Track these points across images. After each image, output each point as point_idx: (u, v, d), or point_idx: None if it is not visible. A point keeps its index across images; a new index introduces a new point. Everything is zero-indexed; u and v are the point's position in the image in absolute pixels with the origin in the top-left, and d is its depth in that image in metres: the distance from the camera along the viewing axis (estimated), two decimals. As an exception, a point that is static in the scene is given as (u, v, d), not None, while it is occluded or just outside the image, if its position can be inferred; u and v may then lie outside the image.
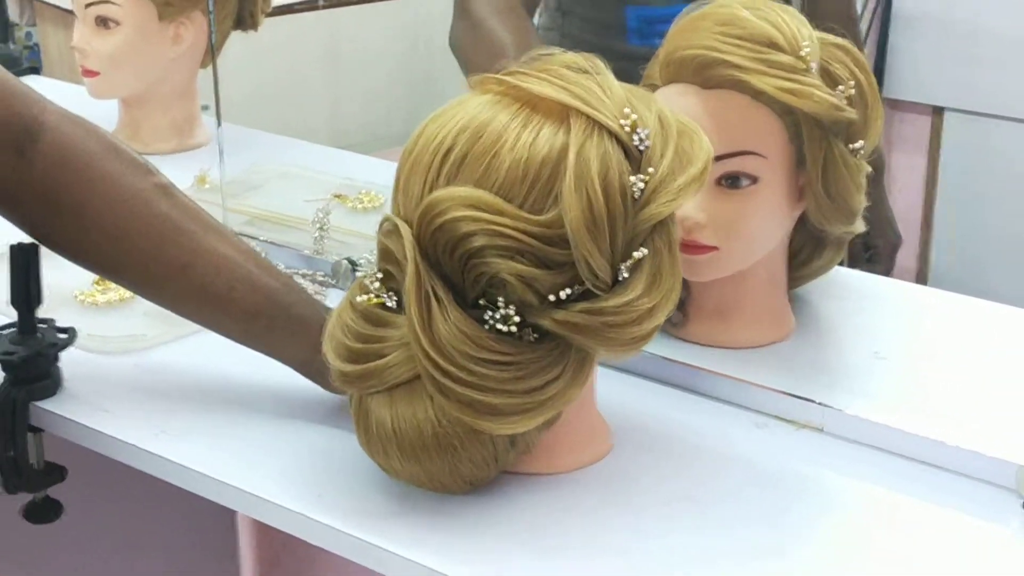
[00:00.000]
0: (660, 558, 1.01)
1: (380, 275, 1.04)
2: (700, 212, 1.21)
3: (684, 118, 1.08)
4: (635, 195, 1.01)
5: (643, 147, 1.02)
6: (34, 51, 3.45)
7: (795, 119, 1.21)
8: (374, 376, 1.01)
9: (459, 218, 0.98)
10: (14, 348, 1.22)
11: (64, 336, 1.26)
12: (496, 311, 0.99)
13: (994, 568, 1.01)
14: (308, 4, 2.43)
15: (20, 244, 1.20)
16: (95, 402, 1.24)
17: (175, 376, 1.29)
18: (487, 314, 1.00)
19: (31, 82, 1.23)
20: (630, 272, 1.01)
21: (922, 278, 2.94)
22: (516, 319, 0.99)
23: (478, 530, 1.03)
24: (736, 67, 1.19)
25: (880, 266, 1.80)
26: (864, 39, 2.62)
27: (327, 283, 1.50)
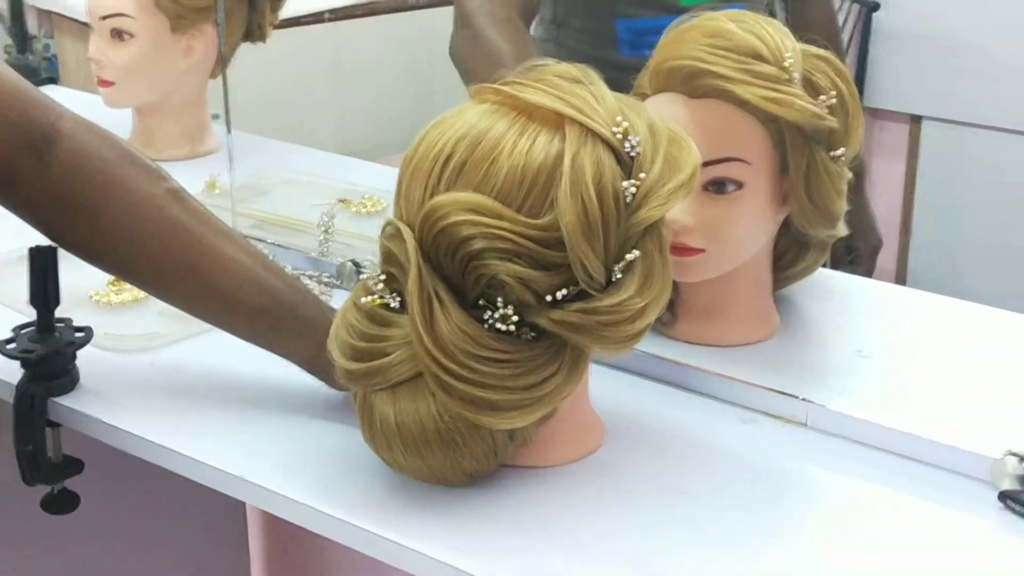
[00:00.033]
0: (650, 546, 1.01)
1: (383, 277, 1.03)
2: (688, 216, 1.21)
3: (673, 126, 1.08)
4: (627, 200, 1.01)
5: (634, 154, 1.02)
6: (52, 62, 3.45)
7: (778, 127, 1.21)
8: (378, 374, 1.01)
9: (459, 222, 0.98)
10: (33, 346, 1.22)
11: (81, 335, 1.26)
12: (495, 311, 0.99)
13: (971, 557, 1.01)
14: (314, 17, 2.43)
15: (39, 247, 1.20)
16: (111, 398, 1.24)
17: (188, 373, 1.29)
18: (487, 314, 0.99)
19: (49, 92, 1.22)
20: (623, 273, 1.01)
21: (901, 279, 2.95)
22: (514, 318, 0.99)
23: (478, 520, 1.03)
24: (722, 77, 1.19)
25: (862, 268, 1.80)
26: (846, 51, 2.62)
27: (332, 284, 1.50)
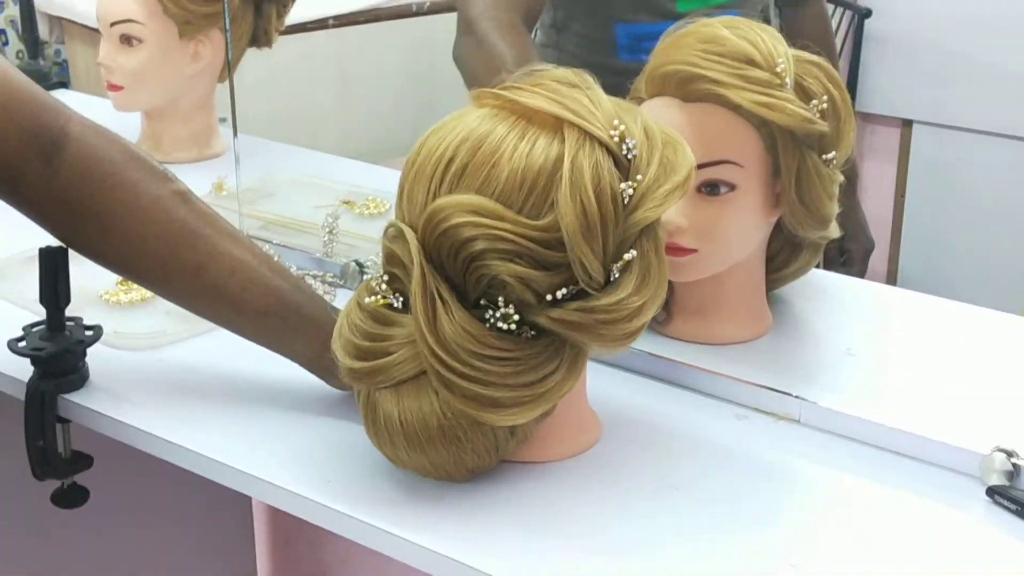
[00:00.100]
0: (646, 538, 1.01)
1: (386, 277, 1.03)
2: (682, 217, 1.21)
3: (668, 129, 1.08)
4: (625, 201, 1.01)
5: (631, 156, 1.02)
6: (63, 67, 3.45)
7: (771, 131, 1.21)
8: (382, 372, 1.01)
9: (462, 224, 0.98)
10: (43, 344, 1.22)
11: (90, 333, 1.26)
12: (497, 310, 0.99)
13: (959, 551, 1.01)
14: (319, 23, 2.43)
15: (49, 247, 1.20)
16: (119, 395, 1.24)
17: (194, 371, 1.29)
18: (488, 313, 1.00)
19: (60, 96, 1.23)
20: (621, 272, 1.01)
21: (892, 279, 2.95)
22: (515, 317, 0.99)
23: (478, 514, 1.03)
24: (715, 82, 1.19)
25: (854, 269, 1.80)
26: (838, 57, 2.62)
27: (336, 284, 1.50)
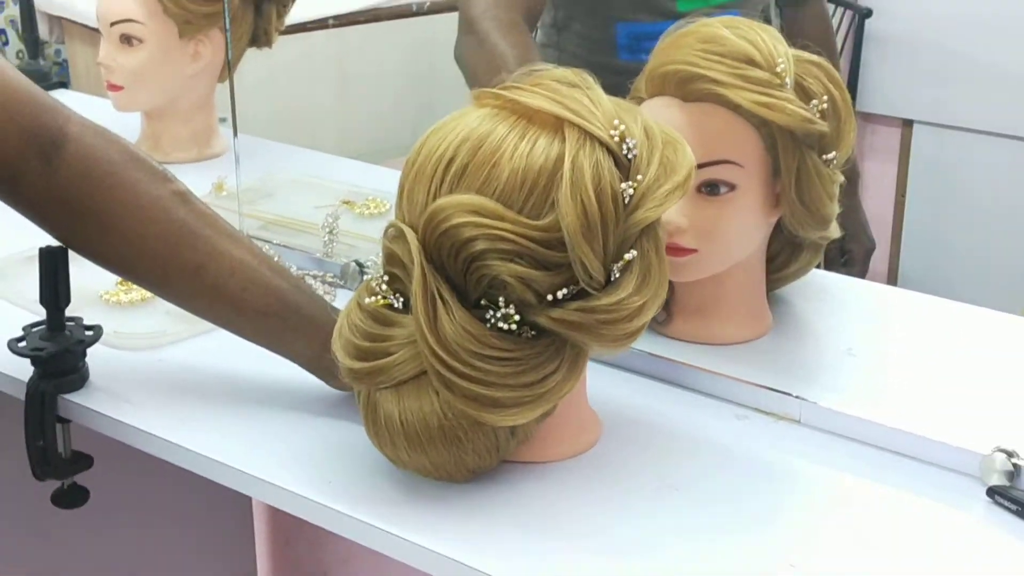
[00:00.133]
0: (646, 538, 1.01)
1: (386, 278, 1.03)
2: (682, 217, 1.21)
3: (668, 129, 1.07)
4: (625, 201, 1.00)
5: (631, 156, 1.02)
6: (63, 67, 3.45)
7: (770, 131, 1.20)
8: (382, 373, 1.01)
9: (462, 224, 0.97)
10: (43, 344, 1.21)
11: (90, 333, 1.25)
12: (497, 310, 0.99)
13: (959, 551, 1.01)
14: (319, 23, 2.43)
15: (49, 247, 1.20)
16: (119, 395, 1.23)
17: (195, 371, 1.29)
18: (489, 313, 0.99)
19: (60, 96, 1.23)
20: (621, 272, 1.01)
21: (892, 279, 2.95)
22: (516, 318, 0.99)
23: (478, 515, 1.03)
24: (715, 82, 1.19)
25: (855, 269, 1.79)
26: (839, 57, 2.62)
27: (336, 284, 1.50)
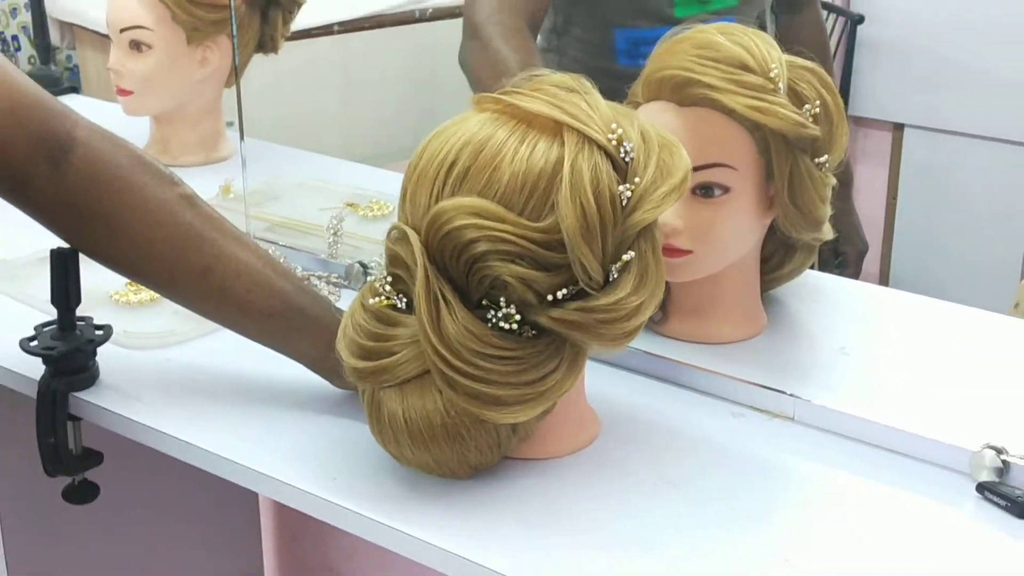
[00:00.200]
0: (643, 532, 1.01)
1: (390, 279, 1.03)
2: (677, 219, 1.21)
3: (664, 132, 1.07)
4: (623, 203, 1.01)
5: (628, 159, 1.02)
6: (74, 72, 3.45)
7: (764, 135, 1.20)
8: (386, 372, 1.01)
9: (464, 226, 0.98)
10: (55, 344, 1.22)
11: (100, 332, 1.25)
12: (498, 310, 0.99)
13: (950, 546, 1.01)
14: (324, 29, 2.43)
15: (60, 249, 1.20)
16: (129, 393, 1.24)
17: (202, 370, 1.29)
18: (490, 313, 0.99)
19: (71, 100, 1.23)
20: (619, 273, 1.01)
21: (884, 280, 2.95)
22: (517, 317, 0.99)
23: (480, 510, 1.03)
24: (709, 87, 1.19)
25: (849, 271, 1.79)
26: (832, 62, 2.62)
27: (341, 284, 1.50)
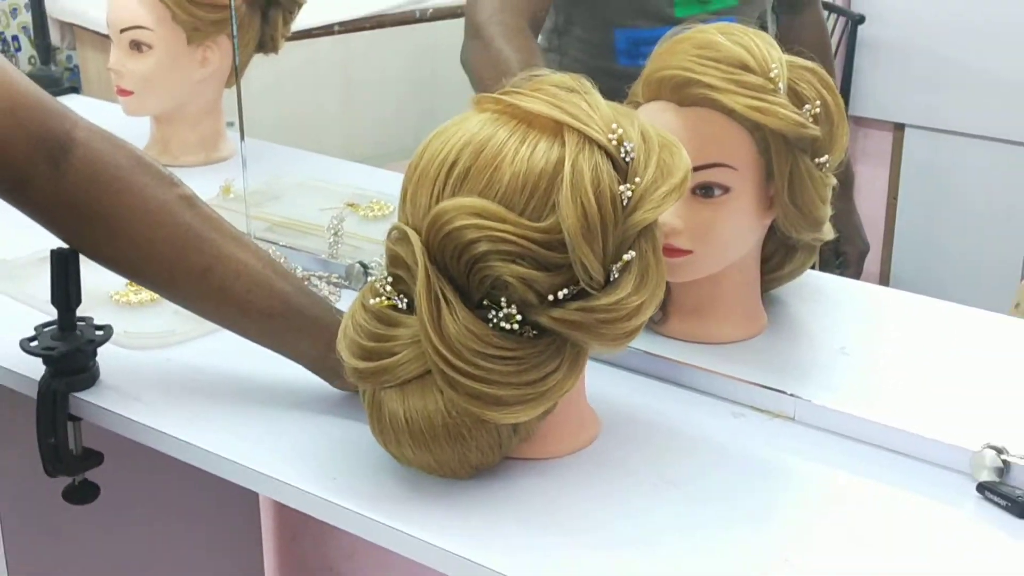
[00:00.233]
0: (643, 532, 1.01)
1: (390, 279, 1.03)
2: (677, 219, 1.20)
3: (664, 133, 1.07)
4: (624, 203, 1.00)
5: (628, 159, 1.02)
6: (74, 72, 3.45)
7: (764, 135, 1.20)
8: (387, 372, 1.00)
9: (465, 226, 0.97)
10: (55, 344, 1.21)
11: (101, 333, 1.25)
12: (499, 310, 0.99)
13: (950, 546, 1.01)
14: (324, 30, 2.43)
15: (60, 249, 1.19)
16: (129, 393, 1.23)
17: (202, 370, 1.28)
18: (491, 313, 0.99)
19: (71, 101, 1.22)
20: (620, 273, 1.01)
21: (884, 280, 2.95)
22: (518, 317, 0.99)
23: (480, 510, 1.03)
24: (709, 87, 1.18)
25: (850, 271, 1.79)
26: (834, 62, 2.61)
27: (341, 285, 1.49)
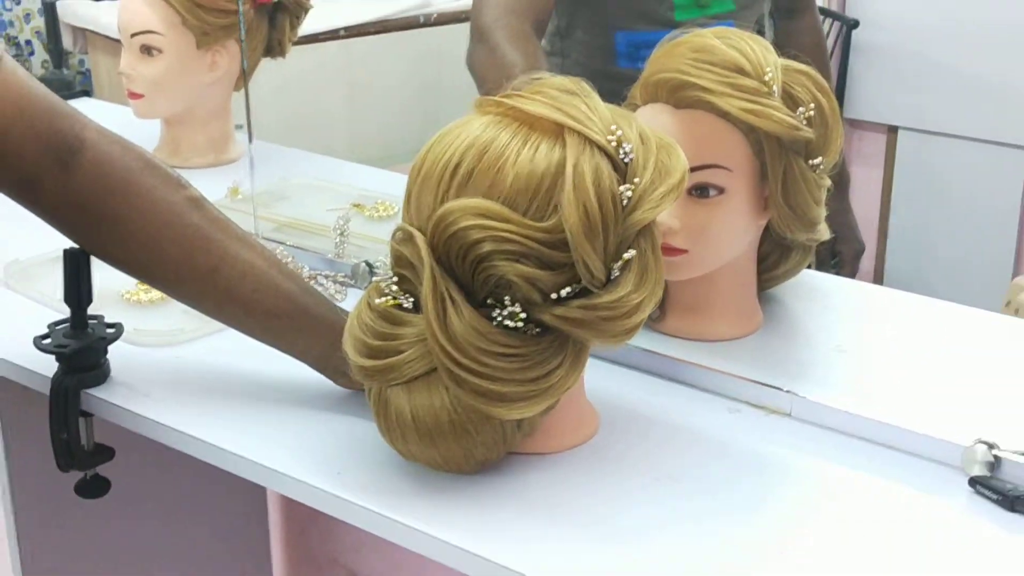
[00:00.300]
0: (642, 524, 1.01)
1: (395, 279, 1.03)
2: (673, 219, 1.20)
3: (662, 134, 1.07)
4: (624, 203, 1.00)
5: (628, 160, 1.02)
6: (86, 76, 3.46)
7: (758, 137, 1.20)
8: (393, 370, 1.00)
9: (470, 226, 0.97)
10: (67, 341, 1.21)
11: (112, 331, 1.25)
12: (503, 309, 0.99)
13: (942, 538, 1.01)
14: (330, 34, 2.43)
15: (72, 249, 1.19)
16: (140, 389, 1.23)
17: (211, 367, 1.28)
18: (495, 312, 0.99)
19: (82, 104, 1.22)
20: (621, 271, 1.01)
21: (879, 279, 2.95)
22: (522, 316, 0.99)
23: (485, 504, 1.03)
24: (705, 90, 1.18)
25: (845, 270, 1.79)
26: (829, 66, 2.61)
27: (347, 283, 1.49)
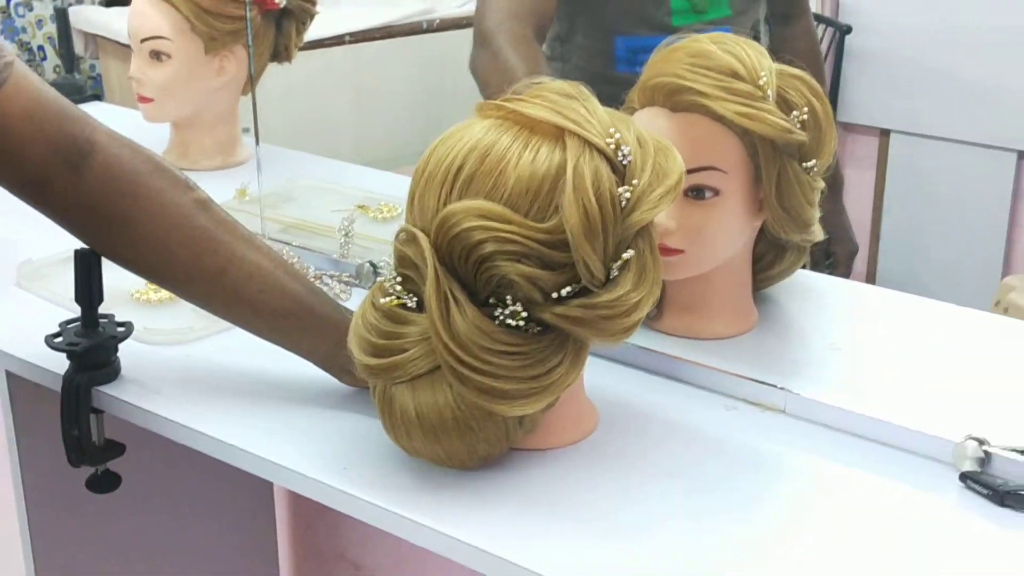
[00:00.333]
0: (640, 519, 1.01)
1: (399, 279, 1.03)
2: (670, 220, 1.21)
3: (659, 137, 1.08)
4: (623, 204, 1.01)
5: (626, 162, 1.02)
6: (97, 80, 3.46)
7: (753, 140, 1.20)
8: (397, 368, 1.01)
9: (472, 227, 0.98)
10: (78, 340, 1.22)
11: (122, 329, 1.25)
12: (505, 308, 0.99)
13: (934, 533, 1.01)
14: (336, 40, 2.43)
15: (83, 250, 1.20)
16: (150, 387, 1.24)
17: (219, 365, 1.29)
18: (497, 311, 0.99)
19: (94, 108, 1.23)
20: (620, 271, 1.01)
21: (871, 279, 2.94)
22: (523, 314, 0.99)
23: (488, 499, 1.03)
24: (700, 94, 1.19)
25: (839, 271, 1.79)
26: (823, 70, 2.61)
27: (351, 283, 1.50)
